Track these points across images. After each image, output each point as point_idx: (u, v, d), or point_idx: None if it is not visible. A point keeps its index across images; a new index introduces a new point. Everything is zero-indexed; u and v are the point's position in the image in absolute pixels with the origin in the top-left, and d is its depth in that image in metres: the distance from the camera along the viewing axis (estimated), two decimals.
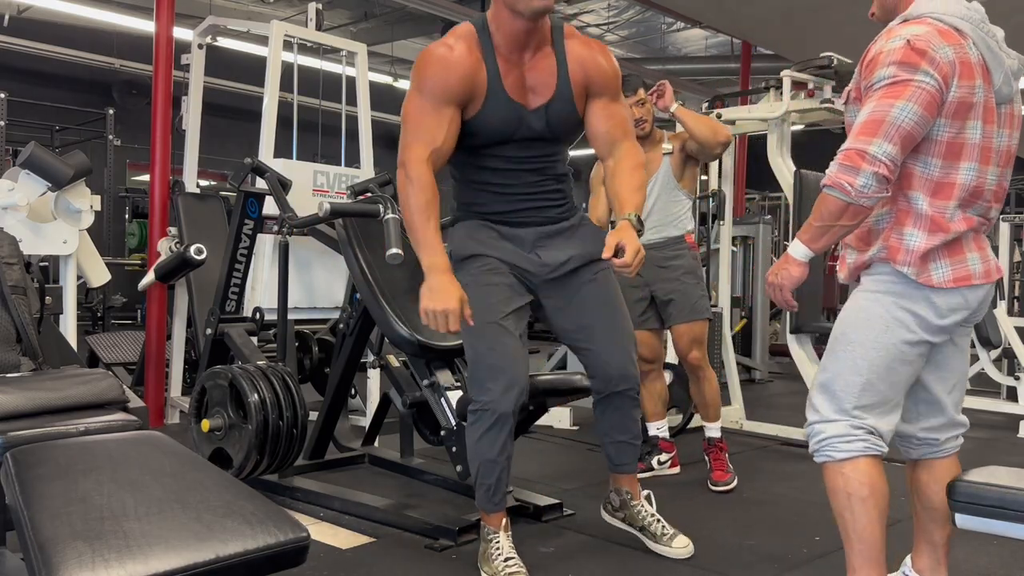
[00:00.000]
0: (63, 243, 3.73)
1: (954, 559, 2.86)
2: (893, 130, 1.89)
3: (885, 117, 1.90)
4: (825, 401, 2.08)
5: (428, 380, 3.13)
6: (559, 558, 2.76)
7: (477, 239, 2.58)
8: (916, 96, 1.89)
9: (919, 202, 1.99)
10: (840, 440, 2.04)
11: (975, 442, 5.01)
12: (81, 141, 9.42)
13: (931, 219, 1.98)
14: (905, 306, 2.01)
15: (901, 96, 1.90)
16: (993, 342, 5.56)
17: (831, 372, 2.08)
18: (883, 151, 1.88)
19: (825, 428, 2.06)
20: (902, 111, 1.89)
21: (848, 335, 2.06)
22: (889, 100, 1.90)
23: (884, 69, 1.93)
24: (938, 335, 2.04)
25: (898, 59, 1.91)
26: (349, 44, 5.04)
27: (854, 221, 1.96)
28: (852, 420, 2.04)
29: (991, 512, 1.65)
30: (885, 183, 1.90)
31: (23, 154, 3.58)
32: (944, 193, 1.98)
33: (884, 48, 1.95)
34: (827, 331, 2.28)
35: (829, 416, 2.06)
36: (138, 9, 9.50)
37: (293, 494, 3.31)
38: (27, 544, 1.40)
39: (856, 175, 1.88)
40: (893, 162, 1.90)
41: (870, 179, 1.88)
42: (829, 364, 2.10)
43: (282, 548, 1.45)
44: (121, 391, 2.13)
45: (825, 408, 2.08)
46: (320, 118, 4.93)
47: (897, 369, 2.03)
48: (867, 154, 1.88)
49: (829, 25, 7.50)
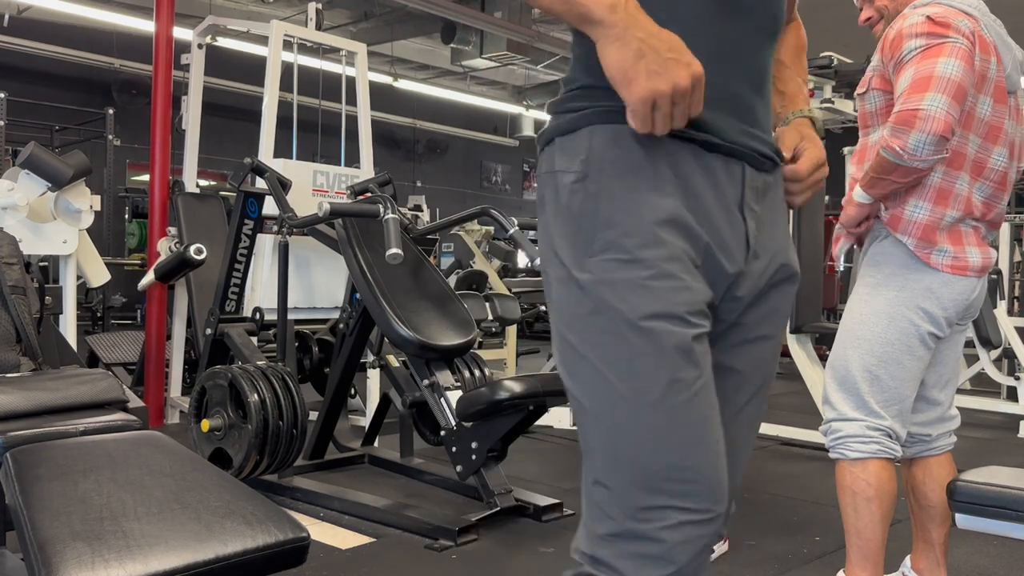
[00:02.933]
0: (63, 243, 3.73)
1: (954, 559, 2.87)
2: (944, 83, 1.85)
3: (932, 72, 1.86)
4: (844, 398, 2.09)
5: (428, 380, 3.14)
6: (559, 558, 2.75)
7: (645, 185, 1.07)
8: (956, 52, 1.88)
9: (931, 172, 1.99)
10: (855, 440, 2.06)
11: (975, 442, 5.02)
12: (81, 141, 9.42)
13: (939, 190, 1.99)
14: (909, 299, 2.02)
15: (941, 54, 1.87)
16: (993, 342, 5.56)
17: (844, 369, 2.09)
18: (938, 104, 1.83)
19: (843, 427, 2.08)
20: (947, 66, 1.86)
21: (855, 331, 2.08)
22: (931, 59, 1.88)
23: (912, 41, 1.92)
24: (942, 328, 2.05)
25: (924, 31, 1.91)
26: (349, 44, 5.04)
27: (907, 179, 1.95)
28: (871, 420, 2.05)
29: (991, 512, 1.65)
30: (942, 143, 1.86)
31: (23, 154, 3.58)
32: (956, 164, 1.99)
33: (904, 26, 1.95)
34: (827, 331, 2.30)
35: (847, 414, 2.08)
36: (138, 9, 9.50)
37: (293, 494, 3.31)
38: (27, 544, 1.40)
39: (907, 137, 1.85)
40: (951, 115, 1.85)
41: (923, 141, 1.84)
42: (840, 361, 2.11)
43: (282, 548, 1.45)
44: (121, 391, 2.13)
45: (844, 405, 2.09)
46: (320, 118, 4.93)
47: (906, 364, 2.04)
48: (920, 111, 1.84)
49: (829, 25, 7.50)
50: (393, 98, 12.91)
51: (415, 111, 14.23)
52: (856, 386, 2.06)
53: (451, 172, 15.69)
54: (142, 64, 9.99)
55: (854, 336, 2.08)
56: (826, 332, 6.60)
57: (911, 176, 1.94)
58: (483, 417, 2.99)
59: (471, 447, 3.05)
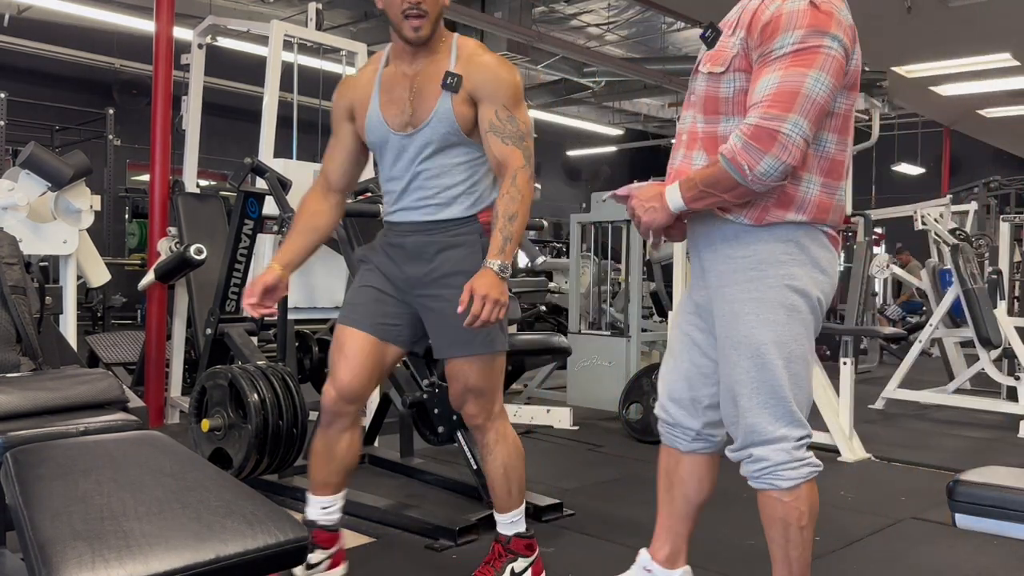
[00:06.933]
0: (63, 243, 3.73)
1: (954, 559, 2.87)
2: (809, 104, 1.70)
3: (800, 88, 1.70)
4: (762, 421, 1.86)
5: (428, 380, 3.14)
6: (559, 558, 2.75)
7: None
8: (827, 65, 1.71)
9: (810, 184, 1.83)
10: (785, 468, 1.86)
11: (975, 442, 5.02)
12: (81, 141, 9.42)
13: (818, 204, 1.83)
14: (790, 284, 1.85)
15: (813, 65, 1.71)
16: (993, 342, 5.56)
17: (760, 381, 1.85)
18: (799, 130, 1.69)
19: (767, 454, 1.87)
20: (816, 82, 1.70)
21: (757, 336, 1.86)
22: (800, 69, 1.71)
23: (789, 34, 1.72)
24: (819, 314, 1.91)
25: (806, 23, 1.72)
26: (349, 44, 5.03)
27: (740, 200, 1.80)
28: (795, 436, 1.86)
29: (991, 512, 1.65)
30: (790, 173, 1.73)
31: (23, 154, 3.58)
32: (836, 173, 1.86)
33: (785, 10, 1.75)
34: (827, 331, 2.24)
35: (769, 435, 1.86)
36: (138, 9, 9.49)
37: (293, 494, 3.31)
38: (27, 544, 1.40)
39: (761, 159, 1.70)
40: (807, 143, 1.72)
41: (775, 167, 1.70)
42: (752, 375, 1.86)
43: (282, 548, 1.45)
44: (121, 391, 2.13)
45: (766, 423, 1.86)
46: (320, 118, 4.92)
47: (809, 359, 1.89)
48: (780, 134, 1.68)
49: None
50: None
51: None
52: (784, 393, 1.85)
53: None
54: (142, 64, 9.99)
55: (757, 342, 1.85)
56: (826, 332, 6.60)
57: (746, 198, 1.79)
58: None
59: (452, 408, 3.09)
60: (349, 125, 2.39)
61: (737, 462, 1.95)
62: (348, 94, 2.39)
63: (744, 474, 1.94)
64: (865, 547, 2.98)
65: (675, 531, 2.12)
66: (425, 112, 2.23)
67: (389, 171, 2.33)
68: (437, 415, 3.13)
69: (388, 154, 2.30)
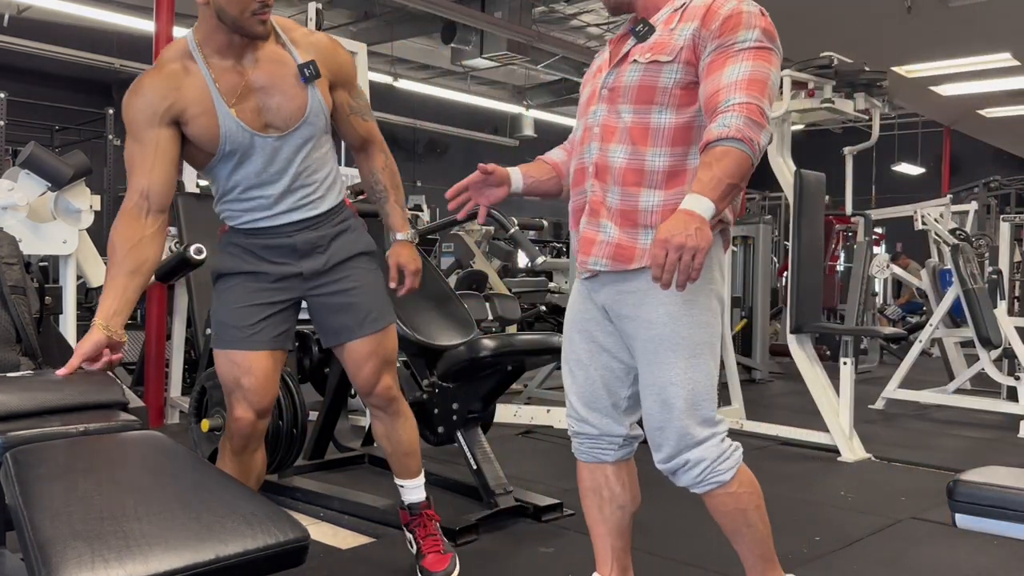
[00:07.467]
0: (63, 243, 3.73)
1: (954, 559, 2.87)
2: (770, 96, 1.76)
3: (767, 80, 1.75)
4: (693, 422, 1.85)
5: (428, 380, 3.14)
6: (559, 558, 2.75)
7: None
8: (777, 67, 1.79)
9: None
10: (720, 461, 1.87)
11: (975, 442, 5.02)
12: (81, 141, 9.42)
13: (739, 208, 1.91)
14: (712, 288, 1.88)
15: (771, 63, 1.77)
16: (993, 342, 5.57)
17: (688, 387, 1.84)
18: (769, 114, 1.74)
19: (701, 454, 1.86)
20: (775, 79, 1.77)
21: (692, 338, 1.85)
22: (764, 63, 1.76)
23: (750, 31, 1.77)
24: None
25: (763, 26, 1.79)
26: (349, 44, 5.04)
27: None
28: (718, 430, 1.88)
29: (991, 512, 1.65)
30: None
31: (23, 154, 3.58)
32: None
33: (744, 9, 1.79)
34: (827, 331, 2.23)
35: (698, 436, 1.85)
36: (138, 9, 9.50)
37: (293, 494, 3.31)
38: (27, 544, 1.40)
39: (760, 132, 1.70)
40: None
41: (766, 141, 1.72)
42: (680, 378, 1.84)
43: (282, 548, 1.45)
44: (121, 391, 2.13)
45: (696, 430, 1.85)
46: None
47: (717, 349, 1.92)
48: (765, 113, 1.72)
49: (829, 25, 7.51)
50: (393, 98, 12.91)
51: (415, 111, 14.23)
52: (712, 393, 1.87)
53: (451, 172, 15.64)
54: (142, 64, 9.98)
55: (694, 342, 1.84)
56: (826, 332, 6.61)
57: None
58: (463, 377, 3.07)
59: (452, 408, 3.10)
60: (171, 131, 2.19)
61: (671, 473, 1.91)
62: (168, 95, 2.18)
63: (685, 484, 1.90)
64: (865, 547, 2.98)
65: (618, 548, 2.08)
66: (295, 108, 2.15)
67: (256, 177, 2.20)
68: (437, 415, 3.13)
69: (255, 159, 2.18)
